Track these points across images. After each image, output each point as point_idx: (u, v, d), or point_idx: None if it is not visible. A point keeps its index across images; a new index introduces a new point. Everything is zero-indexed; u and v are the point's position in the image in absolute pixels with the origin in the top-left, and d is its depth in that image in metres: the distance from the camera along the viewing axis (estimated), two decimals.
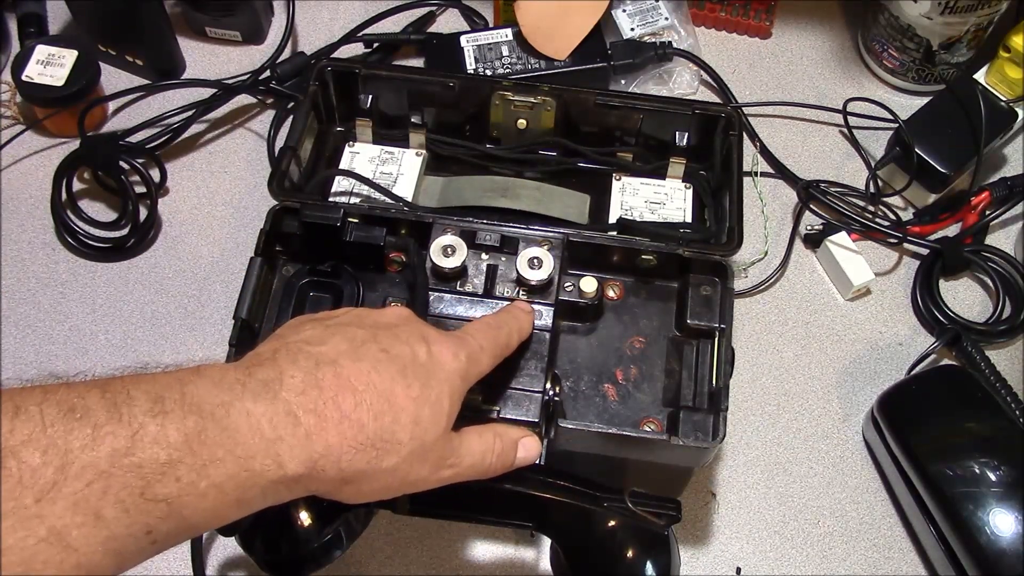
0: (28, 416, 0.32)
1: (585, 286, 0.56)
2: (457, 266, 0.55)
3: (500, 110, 0.66)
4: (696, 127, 0.65)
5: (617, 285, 0.60)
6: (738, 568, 0.60)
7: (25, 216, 0.72)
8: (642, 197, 0.65)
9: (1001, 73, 0.71)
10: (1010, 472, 0.55)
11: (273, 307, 0.58)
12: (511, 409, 0.51)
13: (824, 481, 0.63)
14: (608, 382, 0.57)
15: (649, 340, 0.58)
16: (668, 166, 0.66)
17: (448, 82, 0.65)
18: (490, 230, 0.57)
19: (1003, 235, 0.72)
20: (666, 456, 0.54)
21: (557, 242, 0.57)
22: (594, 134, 0.67)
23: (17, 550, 0.30)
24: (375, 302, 0.58)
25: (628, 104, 0.65)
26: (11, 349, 0.66)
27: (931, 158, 0.69)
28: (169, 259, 0.70)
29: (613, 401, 0.56)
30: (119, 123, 0.75)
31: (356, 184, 0.64)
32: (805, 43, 0.82)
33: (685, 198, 0.65)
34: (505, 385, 0.51)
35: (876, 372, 0.67)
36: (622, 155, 0.67)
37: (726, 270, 0.57)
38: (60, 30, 0.80)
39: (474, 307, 0.54)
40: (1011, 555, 0.53)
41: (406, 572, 0.60)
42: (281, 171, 0.60)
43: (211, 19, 0.78)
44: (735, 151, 0.62)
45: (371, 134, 0.67)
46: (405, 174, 0.65)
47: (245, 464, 0.35)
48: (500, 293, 0.55)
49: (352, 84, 0.66)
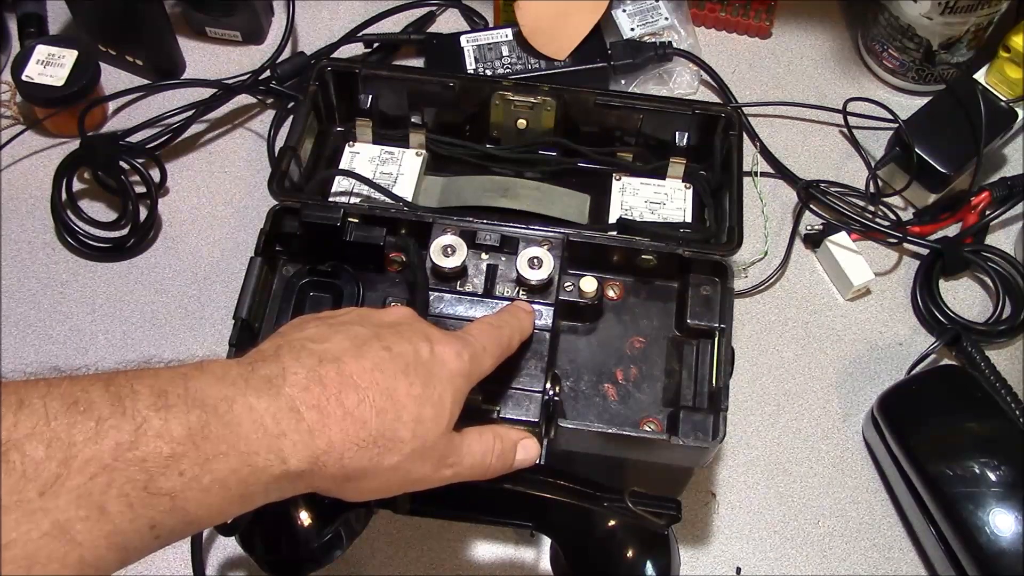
0: (32, 409, 0.32)
1: (585, 286, 0.56)
2: (457, 266, 0.54)
3: (500, 110, 0.66)
4: (696, 127, 0.65)
5: (617, 285, 0.60)
6: (738, 568, 0.60)
7: (25, 216, 0.72)
8: (642, 197, 0.65)
9: (1001, 73, 0.71)
10: (1010, 472, 0.55)
11: (273, 307, 0.58)
12: (511, 409, 0.51)
13: (824, 481, 0.63)
14: (608, 382, 0.57)
15: (649, 340, 0.58)
16: (668, 166, 0.66)
17: (448, 82, 0.65)
18: (490, 230, 0.57)
19: (1003, 235, 0.72)
20: (666, 456, 0.54)
21: (557, 242, 0.57)
22: (594, 134, 0.67)
23: (21, 543, 0.30)
24: (375, 302, 0.58)
25: (628, 104, 0.65)
26: (11, 349, 0.66)
27: (931, 158, 0.69)
28: (169, 259, 0.70)
29: (613, 401, 0.56)
30: (119, 123, 0.75)
31: (356, 184, 0.64)
32: (805, 43, 0.82)
33: (685, 198, 0.65)
34: (505, 385, 0.51)
35: (876, 372, 0.67)
36: (622, 155, 0.67)
37: (726, 270, 0.57)
38: (60, 30, 0.80)
39: (474, 307, 0.54)
40: (1011, 555, 0.53)
41: (406, 572, 0.60)
42: (281, 171, 0.60)
43: (211, 19, 0.79)
44: (735, 151, 0.62)
45: (371, 134, 0.67)
46: (405, 174, 0.65)
47: (248, 459, 0.35)
48: (500, 293, 0.55)
49: (352, 84, 0.66)
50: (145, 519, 0.32)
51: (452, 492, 0.44)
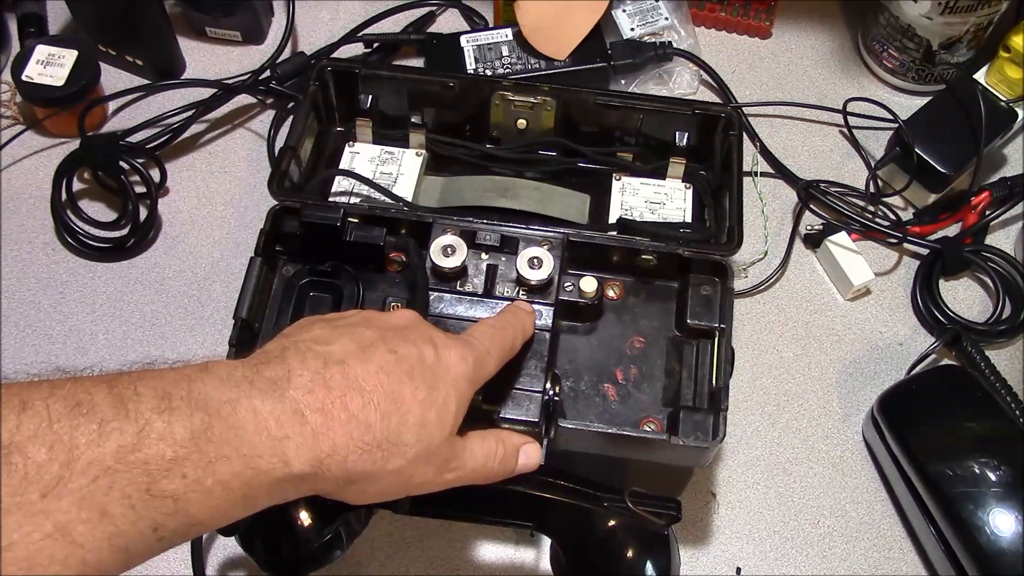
0: (34, 411, 0.32)
1: (585, 286, 0.56)
2: (457, 266, 0.55)
3: (500, 110, 0.66)
4: (696, 127, 0.65)
5: (617, 285, 0.60)
6: (738, 568, 0.60)
7: (25, 216, 0.72)
8: (642, 197, 0.65)
9: (1001, 73, 0.71)
10: (1010, 472, 0.55)
11: (273, 307, 0.58)
12: (511, 409, 0.50)
13: (824, 481, 0.63)
14: (608, 382, 0.57)
15: (649, 340, 0.58)
16: (668, 166, 0.66)
17: (448, 82, 0.65)
18: (490, 230, 0.57)
19: (1003, 235, 0.72)
20: (666, 456, 0.54)
21: (557, 242, 0.57)
22: (594, 134, 0.67)
23: (22, 545, 0.30)
24: (375, 302, 0.58)
25: (628, 104, 0.65)
26: (11, 349, 0.66)
27: (931, 158, 0.69)
28: (169, 259, 0.70)
29: (613, 401, 0.56)
30: (119, 123, 0.75)
31: (356, 184, 0.64)
32: (805, 43, 0.82)
33: (685, 198, 0.65)
34: (505, 385, 0.51)
35: (876, 372, 0.67)
36: (622, 155, 0.67)
37: (726, 270, 0.57)
38: (60, 30, 0.80)
39: (474, 307, 0.54)
40: (1011, 555, 0.53)
41: (406, 572, 0.60)
42: (281, 171, 0.60)
43: (211, 19, 0.78)
44: (735, 151, 0.62)
45: (371, 134, 0.67)
46: (405, 174, 0.65)
47: (251, 462, 0.35)
48: (500, 293, 0.55)
49: (352, 84, 0.66)
50: (148, 521, 0.32)
51: (452, 492, 0.44)
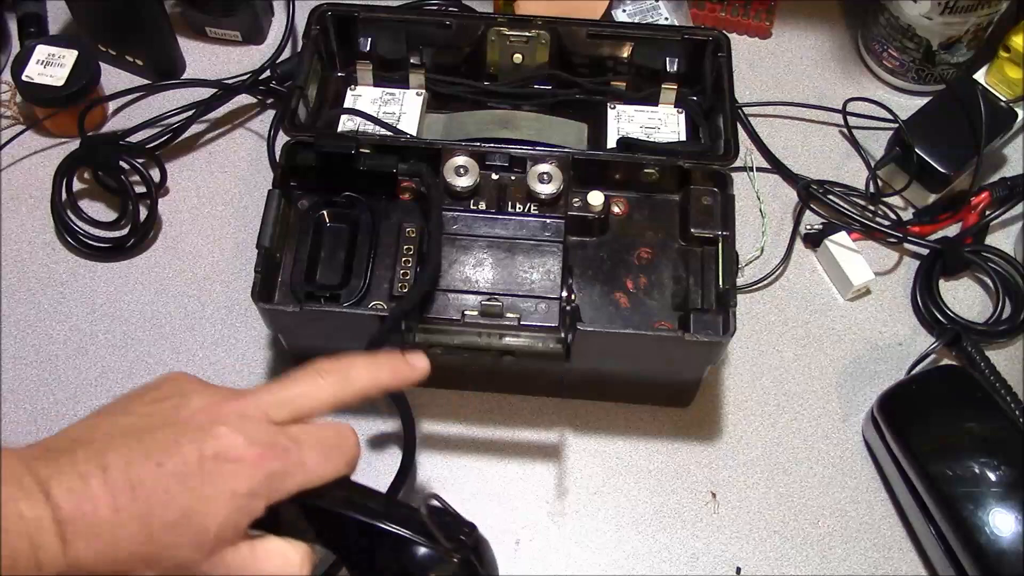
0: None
1: (592, 200, 0.59)
2: (470, 185, 0.57)
3: (496, 47, 0.68)
4: (686, 52, 0.67)
5: (621, 202, 0.62)
6: (738, 568, 0.60)
7: (25, 216, 0.72)
8: (637, 123, 0.67)
9: (1001, 73, 0.71)
10: (1010, 472, 0.55)
11: (291, 240, 0.60)
12: (530, 316, 0.54)
13: (824, 481, 0.63)
14: (619, 291, 0.59)
15: (656, 251, 0.61)
16: (660, 92, 0.67)
17: (445, 20, 0.67)
18: (499, 151, 0.60)
19: (1003, 235, 0.72)
20: (680, 355, 0.56)
21: (563, 162, 0.59)
22: (588, 65, 0.69)
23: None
24: (390, 230, 0.60)
25: (619, 33, 0.67)
26: (11, 349, 0.66)
27: (931, 158, 0.69)
28: (169, 259, 0.70)
29: (625, 308, 0.59)
30: (119, 123, 0.76)
31: (362, 123, 0.65)
32: (805, 43, 0.82)
33: (679, 122, 0.67)
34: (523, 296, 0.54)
35: (876, 372, 0.67)
36: (616, 84, 0.69)
37: (725, 179, 0.60)
38: (60, 30, 0.80)
39: (489, 224, 0.57)
40: (1011, 555, 0.53)
41: None
42: (291, 108, 0.62)
43: (211, 19, 0.79)
44: (725, 72, 0.64)
45: (371, 77, 0.68)
46: (407, 113, 0.67)
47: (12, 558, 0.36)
48: (513, 209, 0.58)
49: (351, 28, 0.67)
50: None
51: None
